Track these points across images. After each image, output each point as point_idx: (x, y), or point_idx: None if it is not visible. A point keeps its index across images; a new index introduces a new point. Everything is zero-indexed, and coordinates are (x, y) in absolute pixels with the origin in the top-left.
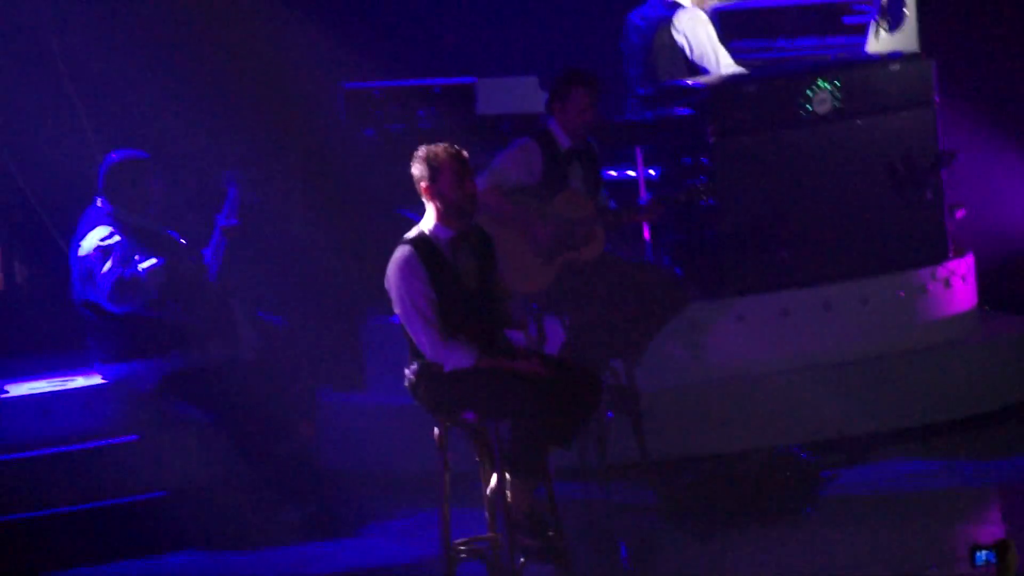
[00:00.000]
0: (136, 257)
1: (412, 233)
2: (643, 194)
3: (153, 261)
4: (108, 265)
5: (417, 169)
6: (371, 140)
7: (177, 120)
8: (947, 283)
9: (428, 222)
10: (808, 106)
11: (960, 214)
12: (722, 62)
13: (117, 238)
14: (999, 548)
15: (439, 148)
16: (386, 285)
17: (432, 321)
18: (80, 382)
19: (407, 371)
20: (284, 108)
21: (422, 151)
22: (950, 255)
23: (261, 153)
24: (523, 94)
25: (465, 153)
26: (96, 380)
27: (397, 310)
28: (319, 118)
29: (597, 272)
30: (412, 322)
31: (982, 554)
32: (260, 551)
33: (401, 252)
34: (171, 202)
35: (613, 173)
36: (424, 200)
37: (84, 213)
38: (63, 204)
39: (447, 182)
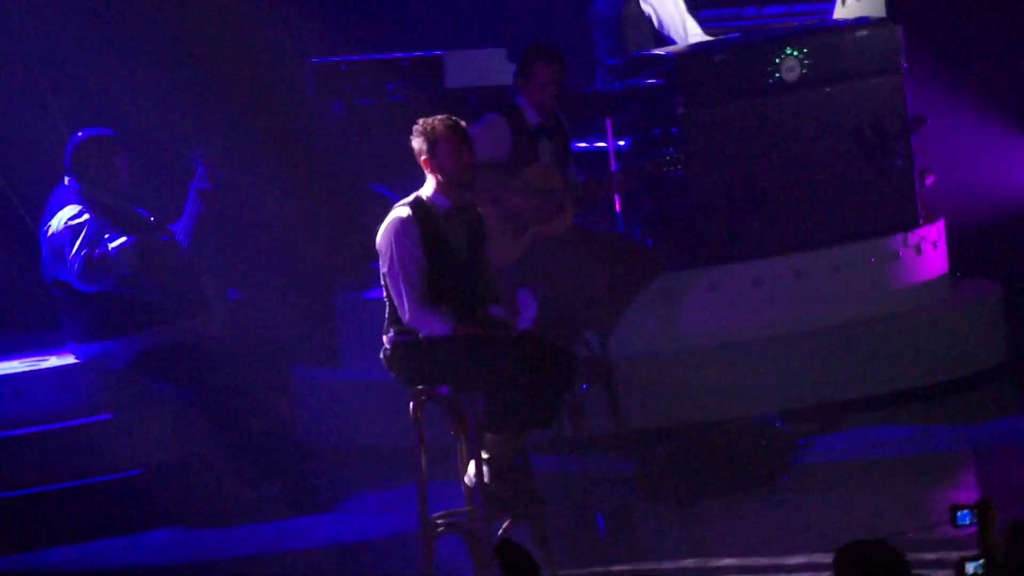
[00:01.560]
0: (106, 235)
1: (411, 197)
2: (613, 165)
3: (123, 239)
4: (78, 244)
5: (416, 142)
6: (339, 115)
7: (144, 97)
8: (918, 249)
9: (427, 190)
10: (776, 74)
11: (930, 180)
12: (690, 32)
13: (86, 216)
14: (980, 507)
15: (436, 121)
16: (377, 243)
17: (416, 285)
18: (53, 361)
19: (384, 339)
20: (251, 83)
21: (420, 124)
22: (920, 221)
23: (229, 129)
24: (491, 67)
25: (463, 124)
26: (69, 359)
27: (384, 269)
28: (286, 93)
29: (568, 244)
30: (397, 282)
31: (963, 513)
32: (237, 527)
33: (398, 212)
34: (139, 179)
35: (583, 144)
36: (425, 172)
37: (52, 192)
38: (31, 183)
39: (445, 154)
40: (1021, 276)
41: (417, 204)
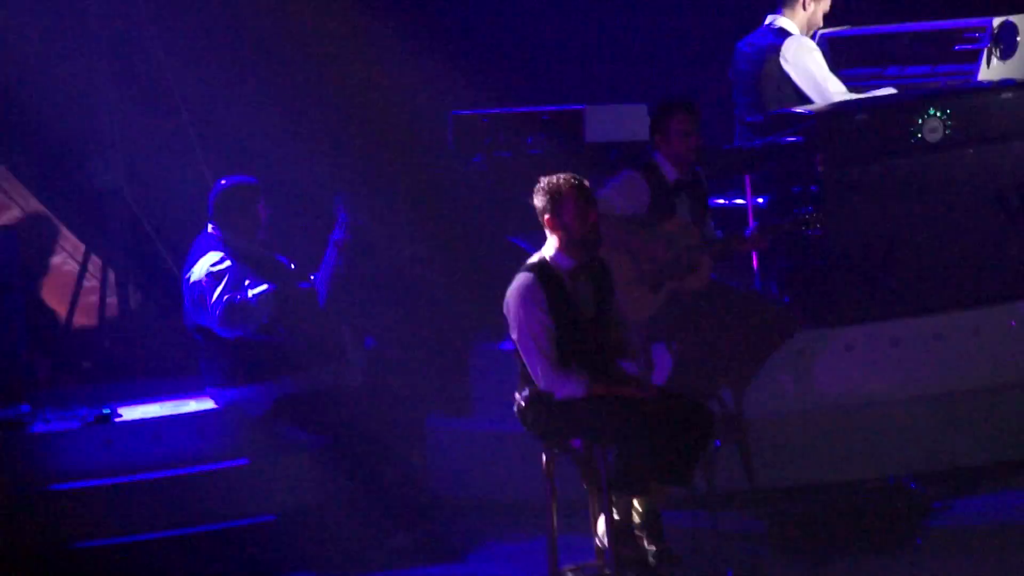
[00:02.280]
0: (247, 282)
1: (534, 260)
2: (751, 222)
3: (264, 287)
4: (219, 290)
5: (539, 201)
6: (479, 167)
7: (287, 146)
8: None
9: (550, 250)
10: (919, 134)
11: None
12: (832, 90)
13: (228, 263)
14: None
15: (561, 180)
16: (504, 310)
17: (547, 351)
18: (192, 406)
19: (517, 396)
20: (393, 135)
21: (544, 183)
22: None
23: (370, 179)
24: (631, 122)
25: (587, 184)
26: (208, 404)
27: (514, 336)
28: (428, 145)
29: (704, 300)
30: (528, 350)
31: None
32: (367, 575)
33: (523, 279)
34: (280, 227)
35: (721, 201)
36: (546, 230)
37: (196, 239)
38: (176, 230)
39: (570, 214)
40: None
41: (541, 268)
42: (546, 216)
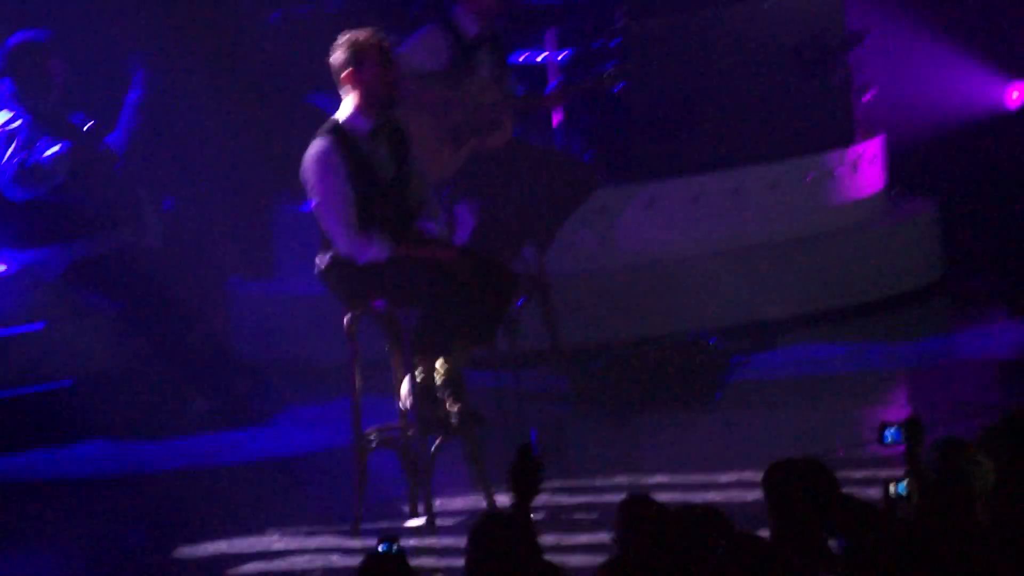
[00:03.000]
0: (40, 142)
1: (330, 124)
2: (551, 79)
3: (57, 148)
4: (11, 151)
5: (340, 56)
6: (277, 24)
7: (81, 3)
8: (855, 166)
9: (346, 111)
10: None
11: (869, 96)
12: None
13: (20, 122)
14: (907, 425)
15: (363, 35)
16: (302, 177)
17: (347, 218)
18: None
19: (318, 260)
20: None
21: (345, 37)
22: (858, 138)
23: (167, 37)
24: None
25: (389, 40)
26: (0, 268)
27: (313, 203)
28: (224, 2)
29: (505, 158)
30: (327, 218)
31: (891, 431)
32: (169, 440)
33: (319, 145)
34: (75, 85)
35: (521, 58)
36: (344, 88)
37: None
38: None
39: (371, 71)
40: (957, 193)
41: (337, 132)
42: (345, 73)
